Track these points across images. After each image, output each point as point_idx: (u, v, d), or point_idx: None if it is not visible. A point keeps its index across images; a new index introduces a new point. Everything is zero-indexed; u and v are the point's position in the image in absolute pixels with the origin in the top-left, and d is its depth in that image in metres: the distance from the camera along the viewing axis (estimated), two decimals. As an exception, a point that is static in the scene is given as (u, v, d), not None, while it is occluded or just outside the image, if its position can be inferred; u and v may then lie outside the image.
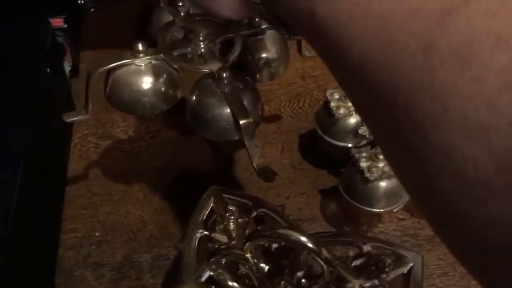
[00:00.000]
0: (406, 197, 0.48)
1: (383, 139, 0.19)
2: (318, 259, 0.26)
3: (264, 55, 0.46)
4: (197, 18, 0.43)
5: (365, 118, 0.20)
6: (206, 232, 0.35)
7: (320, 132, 0.50)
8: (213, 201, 0.36)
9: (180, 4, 0.46)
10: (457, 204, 0.16)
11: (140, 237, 0.47)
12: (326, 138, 0.50)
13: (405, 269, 0.34)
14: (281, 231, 0.26)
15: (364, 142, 0.48)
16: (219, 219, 0.36)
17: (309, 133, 0.56)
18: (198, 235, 0.35)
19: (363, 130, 0.48)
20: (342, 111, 0.49)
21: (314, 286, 0.27)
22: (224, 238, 0.35)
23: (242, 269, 0.31)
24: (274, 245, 0.34)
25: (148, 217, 0.48)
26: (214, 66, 0.40)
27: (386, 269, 0.33)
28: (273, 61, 0.47)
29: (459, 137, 0.15)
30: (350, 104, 0.49)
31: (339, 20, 0.18)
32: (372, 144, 0.47)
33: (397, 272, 0.34)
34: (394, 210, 0.47)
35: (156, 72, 0.40)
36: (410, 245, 0.47)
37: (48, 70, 0.45)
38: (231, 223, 0.35)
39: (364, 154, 0.45)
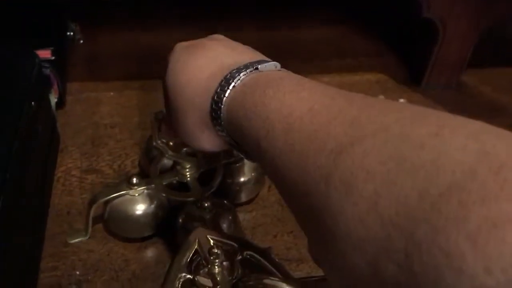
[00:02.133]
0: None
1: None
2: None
3: (242, 179, 0.50)
4: (184, 150, 0.49)
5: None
6: (189, 276, 0.34)
7: None
8: (198, 243, 0.35)
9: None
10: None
11: (122, 277, 0.45)
12: None
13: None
14: (267, 281, 0.25)
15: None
16: (204, 261, 0.34)
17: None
18: (181, 278, 0.34)
19: None
20: None
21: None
22: (208, 282, 0.34)
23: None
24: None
25: (131, 255, 0.47)
26: (198, 194, 0.46)
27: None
28: (250, 183, 0.51)
29: (348, 246, 0.20)
30: None
31: (275, 154, 0.26)
32: None
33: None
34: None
35: (148, 200, 0.46)
36: None
37: (32, 103, 0.44)
38: (216, 267, 0.33)
39: None
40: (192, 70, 0.34)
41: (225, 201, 0.48)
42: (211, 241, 0.35)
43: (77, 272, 0.45)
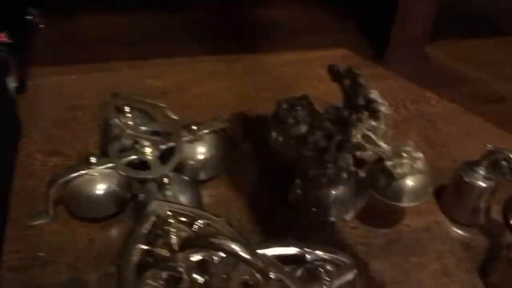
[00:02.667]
0: (358, 206, 0.48)
1: None
2: (252, 269, 0.25)
3: (202, 157, 0.50)
4: (143, 129, 0.49)
5: None
6: (145, 247, 0.34)
7: (270, 141, 0.50)
8: (155, 214, 0.35)
9: (129, 115, 0.49)
10: None
11: (87, 256, 0.45)
12: (276, 148, 0.50)
13: (350, 277, 0.34)
14: (214, 240, 0.25)
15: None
16: (161, 232, 0.34)
17: (263, 145, 0.56)
18: (138, 250, 0.34)
19: (312, 138, 0.48)
20: (290, 120, 0.49)
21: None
22: (165, 253, 0.34)
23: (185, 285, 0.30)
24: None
25: (95, 235, 0.47)
26: (158, 172, 0.46)
27: (329, 278, 0.32)
28: (210, 161, 0.51)
29: None
30: (298, 113, 0.49)
31: None
32: (320, 151, 0.46)
33: (342, 280, 0.34)
34: (347, 219, 0.47)
35: (108, 180, 0.46)
36: (363, 253, 0.47)
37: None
38: (173, 237, 0.34)
39: (311, 162, 0.44)
40: None
41: (186, 178, 0.48)
42: (168, 212, 0.36)
43: (42, 254, 0.45)
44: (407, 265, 0.46)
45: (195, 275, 0.26)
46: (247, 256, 0.24)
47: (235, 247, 0.24)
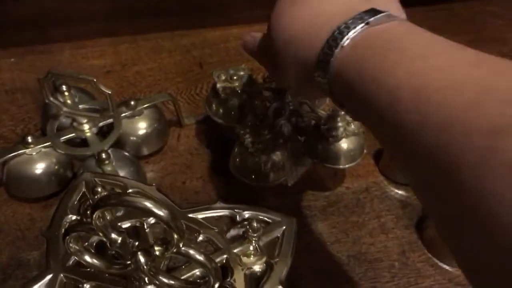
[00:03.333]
0: (299, 171, 0.49)
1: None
2: (164, 226, 0.26)
3: (142, 132, 0.50)
4: (80, 107, 0.49)
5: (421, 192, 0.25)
6: (76, 217, 0.34)
7: (210, 113, 0.51)
8: (84, 184, 0.36)
9: (66, 94, 0.48)
10: None
11: (29, 235, 0.45)
12: (216, 119, 0.50)
13: (277, 233, 0.35)
14: (127, 197, 0.25)
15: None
16: (91, 202, 0.35)
17: (206, 118, 0.57)
18: (68, 220, 0.34)
19: (248, 109, 0.48)
20: (228, 91, 0.49)
21: (167, 253, 0.27)
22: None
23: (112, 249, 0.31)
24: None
25: (37, 214, 0.47)
26: (96, 148, 0.46)
27: (256, 234, 0.33)
28: (151, 136, 0.51)
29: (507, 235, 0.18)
30: (236, 84, 0.50)
31: (402, 127, 0.23)
32: (258, 119, 0.47)
33: (269, 236, 0.34)
34: (289, 185, 0.48)
35: (47, 159, 0.46)
36: (304, 216, 0.48)
37: None
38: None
39: (248, 130, 0.45)
40: (296, 24, 0.30)
41: (127, 154, 0.48)
42: (97, 183, 0.36)
43: (-18, 236, 0.45)
44: (347, 225, 0.48)
45: (113, 235, 0.27)
46: (160, 213, 0.25)
47: (147, 203, 0.25)
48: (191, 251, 0.27)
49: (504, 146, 0.19)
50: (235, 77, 0.50)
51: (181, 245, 0.26)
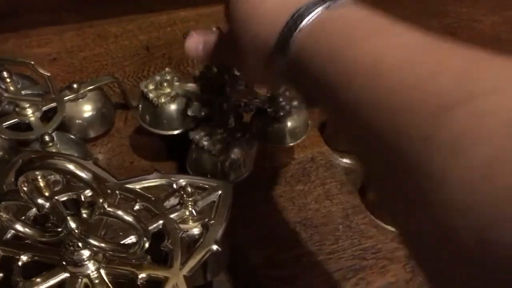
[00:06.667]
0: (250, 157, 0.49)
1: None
2: (89, 188, 0.26)
3: (87, 115, 0.51)
4: (23, 93, 0.48)
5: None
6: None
7: (146, 127, 0.48)
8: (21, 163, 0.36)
9: (8, 80, 0.47)
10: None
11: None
12: (155, 131, 0.48)
13: (214, 198, 0.36)
14: (51, 160, 0.26)
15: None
16: (31, 180, 0.35)
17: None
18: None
19: (192, 111, 0.47)
20: (163, 99, 0.47)
21: (94, 215, 0.27)
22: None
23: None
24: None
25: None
26: (39, 132, 0.45)
27: (191, 198, 0.34)
28: (96, 118, 0.51)
29: (447, 212, 0.18)
30: (168, 90, 0.48)
31: (357, 106, 0.23)
32: (205, 121, 0.47)
33: (206, 201, 0.35)
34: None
35: None
36: (251, 187, 0.49)
37: None
38: (40, 181, 0.34)
39: (203, 134, 0.45)
40: (256, 9, 0.30)
41: (72, 136, 0.48)
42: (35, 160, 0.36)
43: None
44: (293, 193, 0.49)
45: (40, 200, 0.27)
46: (82, 174, 0.25)
47: (70, 165, 0.25)
48: (119, 212, 0.27)
49: (449, 122, 0.19)
50: (165, 84, 0.48)
51: (106, 206, 0.26)
